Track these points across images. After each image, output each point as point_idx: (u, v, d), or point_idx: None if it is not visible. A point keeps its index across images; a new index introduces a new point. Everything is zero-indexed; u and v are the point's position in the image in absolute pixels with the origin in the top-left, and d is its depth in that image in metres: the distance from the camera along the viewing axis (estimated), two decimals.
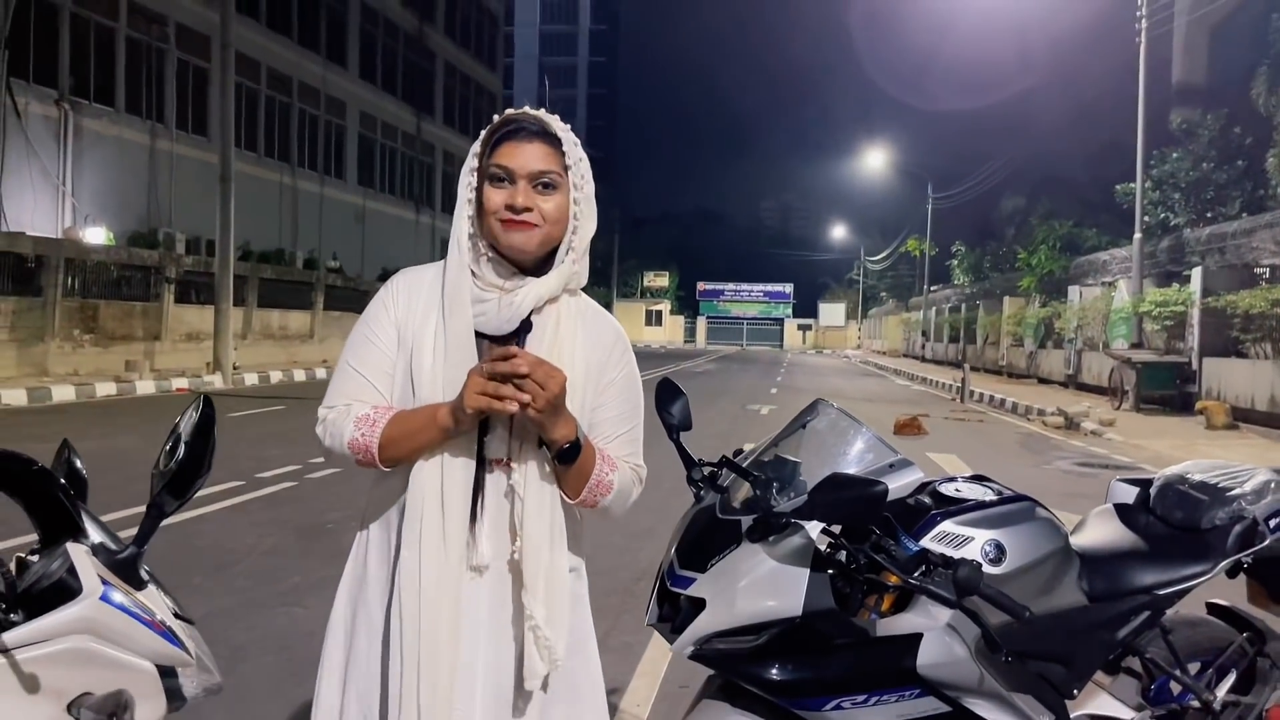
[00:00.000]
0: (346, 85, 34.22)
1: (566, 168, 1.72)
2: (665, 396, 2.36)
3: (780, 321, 78.82)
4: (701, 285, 79.25)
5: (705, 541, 2.07)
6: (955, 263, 45.20)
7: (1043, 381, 27.13)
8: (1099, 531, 2.62)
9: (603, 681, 1.85)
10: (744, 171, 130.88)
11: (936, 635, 2.03)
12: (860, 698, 1.99)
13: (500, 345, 1.66)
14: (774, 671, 1.97)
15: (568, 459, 1.64)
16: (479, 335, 1.69)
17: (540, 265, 1.74)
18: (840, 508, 1.90)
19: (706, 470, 2.26)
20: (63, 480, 1.51)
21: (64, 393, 15.37)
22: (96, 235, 21.01)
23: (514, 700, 1.69)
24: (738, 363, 42.79)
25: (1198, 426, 15.16)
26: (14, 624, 1.32)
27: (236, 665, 3.94)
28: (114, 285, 19.91)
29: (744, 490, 2.13)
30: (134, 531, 1.48)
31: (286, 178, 30.26)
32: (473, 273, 1.71)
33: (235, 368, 20.03)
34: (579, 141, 1.77)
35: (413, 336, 1.72)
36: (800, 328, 78.37)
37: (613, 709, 3.72)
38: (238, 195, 20.38)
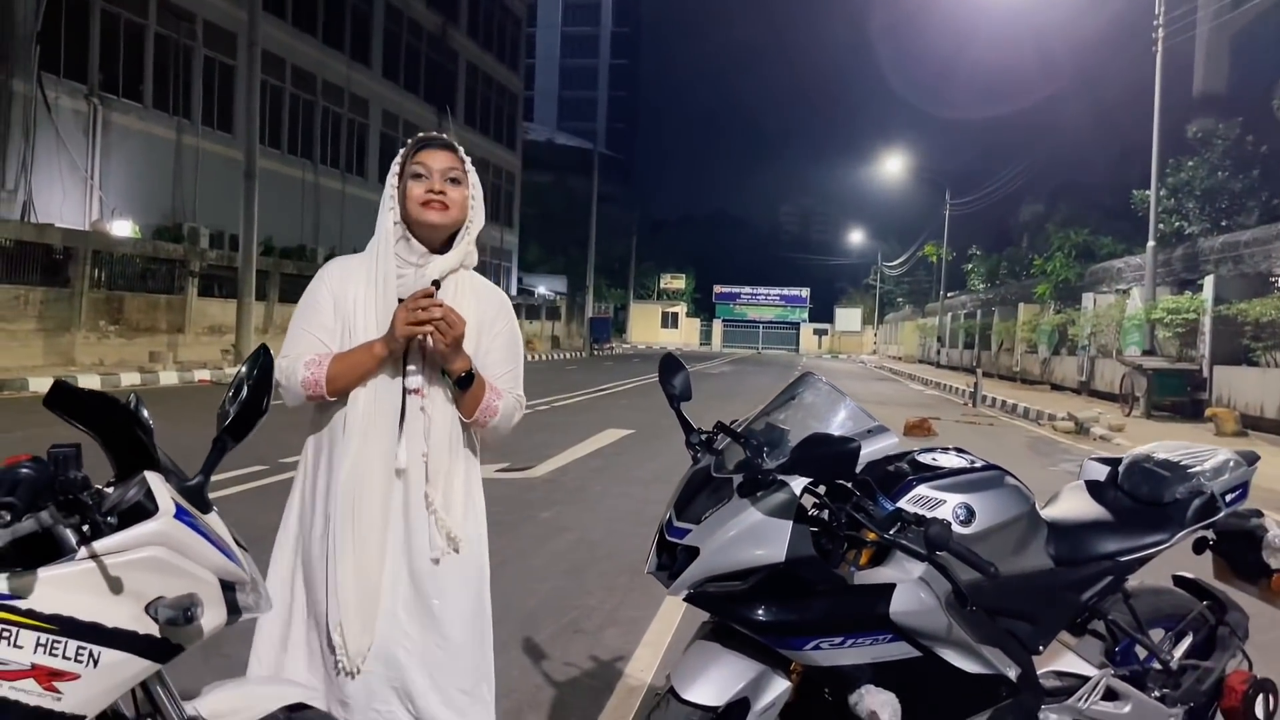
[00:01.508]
0: (370, 84, 34.61)
1: (466, 171, 2.34)
2: (668, 369, 2.60)
3: (796, 325, 78.78)
4: (718, 288, 79.29)
5: (700, 497, 2.29)
6: (971, 268, 45.21)
7: (1056, 388, 27.18)
8: (1069, 504, 2.83)
9: (487, 569, 2.41)
10: (763, 175, 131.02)
11: (909, 586, 2.23)
12: (837, 639, 2.20)
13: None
14: (760, 613, 2.18)
15: (464, 385, 2.24)
16: (400, 300, 2.25)
17: (443, 248, 2.34)
18: (818, 463, 2.13)
19: (704, 435, 2.49)
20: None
21: (90, 382, 15.70)
22: (123, 228, 21.40)
23: (427, 561, 2.26)
24: (753, 365, 42.94)
25: (1207, 433, 15.24)
26: (104, 534, 1.55)
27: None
28: (139, 278, 20.28)
29: (737, 453, 2.35)
30: None
31: (309, 175, 30.64)
32: (395, 253, 2.31)
33: None
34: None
35: (348, 305, 2.30)
36: (816, 332, 78.31)
37: (618, 676, 3.95)
38: (261, 191, 20.71)
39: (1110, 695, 2.66)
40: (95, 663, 1.50)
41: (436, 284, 2.26)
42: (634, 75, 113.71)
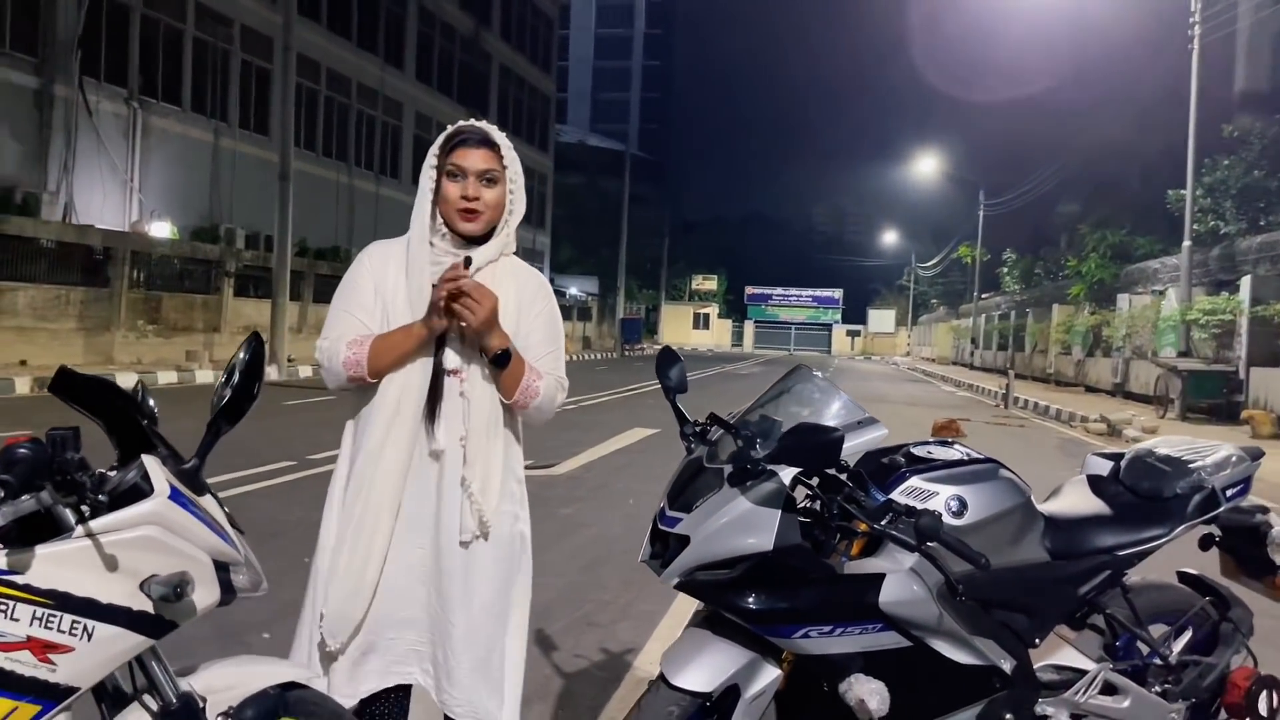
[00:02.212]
0: (403, 86, 34.92)
1: (504, 167, 2.29)
2: (664, 362, 2.64)
3: (829, 327, 78.39)
4: (750, 289, 79.09)
5: (692, 486, 2.32)
6: (1006, 270, 44.80)
7: (1090, 390, 26.88)
8: (1069, 498, 2.83)
9: (529, 535, 2.49)
10: (795, 176, 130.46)
11: (899, 576, 2.25)
12: (826, 628, 2.22)
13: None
14: (750, 601, 2.21)
15: (501, 363, 2.21)
16: (433, 287, 2.21)
17: (482, 240, 2.32)
18: (803, 452, 2.16)
19: (698, 427, 2.52)
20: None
21: (127, 379, 15.90)
22: (162, 230, 21.77)
23: (460, 545, 2.27)
24: (783, 367, 42.25)
25: (1243, 436, 15.02)
26: (99, 514, 1.61)
27: (286, 618, 4.25)
28: (176, 278, 20.64)
29: (729, 444, 2.38)
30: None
31: (343, 176, 30.97)
32: (431, 243, 2.30)
33: (290, 360, 20.61)
34: (511, 145, 2.34)
35: (388, 289, 2.30)
36: (849, 333, 77.91)
37: (627, 668, 3.99)
38: (296, 193, 20.97)
39: (1109, 689, 2.66)
40: (89, 636, 1.56)
41: (468, 260, 2.20)
42: (667, 76, 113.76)
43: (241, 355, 1.81)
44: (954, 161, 54.37)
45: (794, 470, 2.22)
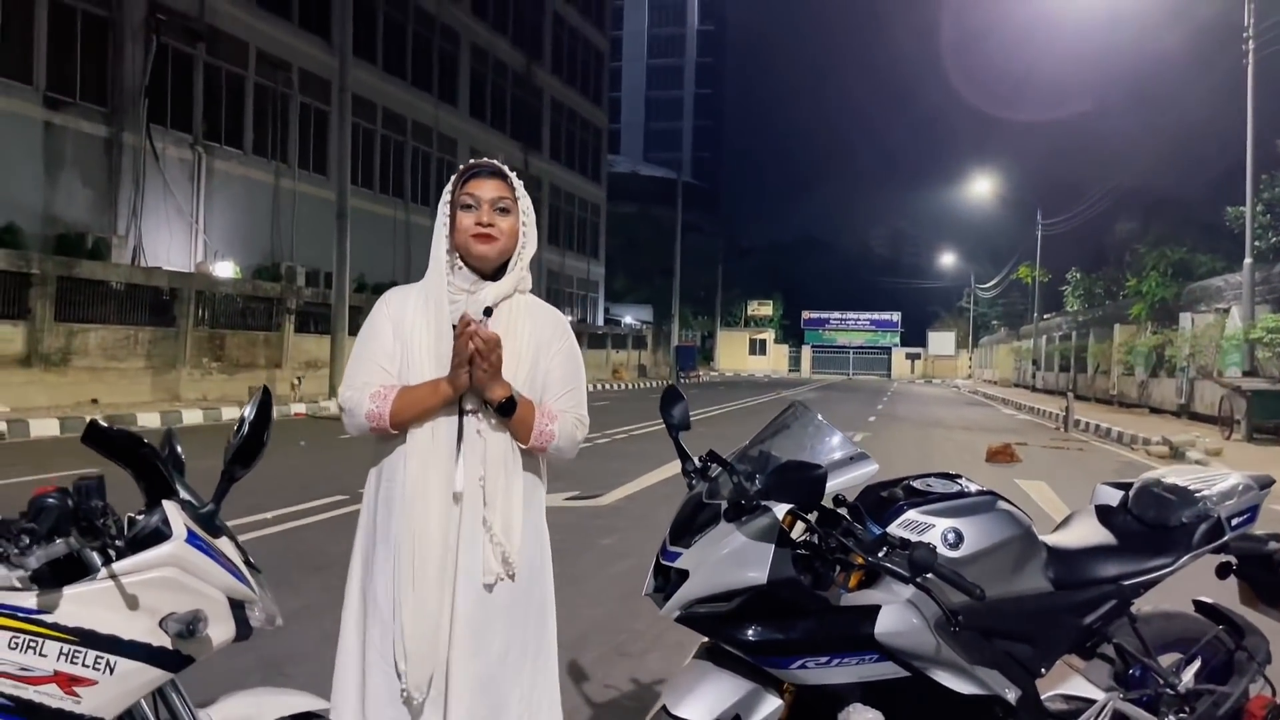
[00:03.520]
0: (457, 123, 35.62)
1: (516, 199, 2.34)
2: (668, 400, 2.74)
3: (888, 350, 77.65)
4: (806, 314, 78.73)
5: (691, 522, 2.41)
6: (1069, 289, 44.09)
7: (1154, 411, 26.28)
8: (1076, 529, 2.85)
9: (551, 573, 2.42)
10: (849, 199, 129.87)
11: (894, 608, 2.31)
12: (823, 659, 2.29)
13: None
14: (748, 633, 2.29)
15: (505, 413, 2.22)
16: (453, 327, 2.25)
17: (496, 274, 2.35)
18: (789, 488, 2.24)
19: (698, 464, 2.61)
20: (165, 456, 1.96)
21: (193, 416, 16.50)
22: (225, 269, 22.45)
23: (484, 588, 2.24)
24: (840, 391, 42.49)
25: None
26: (122, 556, 1.76)
27: (326, 650, 4.41)
28: (239, 316, 21.25)
29: (727, 480, 2.46)
30: (248, 538, 1.92)
31: (400, 212, 31.63)
32: (449, 280, 2.33)
33: None
34: (522, 183, 2.41)
35: (406, 331, 2.32)
36: (908, 357, 77.07)
37: (656, 698, 4.05)
38: (354, 230, 21.52)
39: (1119, 719, 2.67)
40: (112, 671, 1.70)
41: (489, 310, 2.23)
42: (719, 104, 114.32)
43: (250, 409, 1.94)
44: (1009, 181, 53.78)
45: (785, 505, 2.30)
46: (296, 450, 12.73)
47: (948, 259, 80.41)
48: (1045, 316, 47.54)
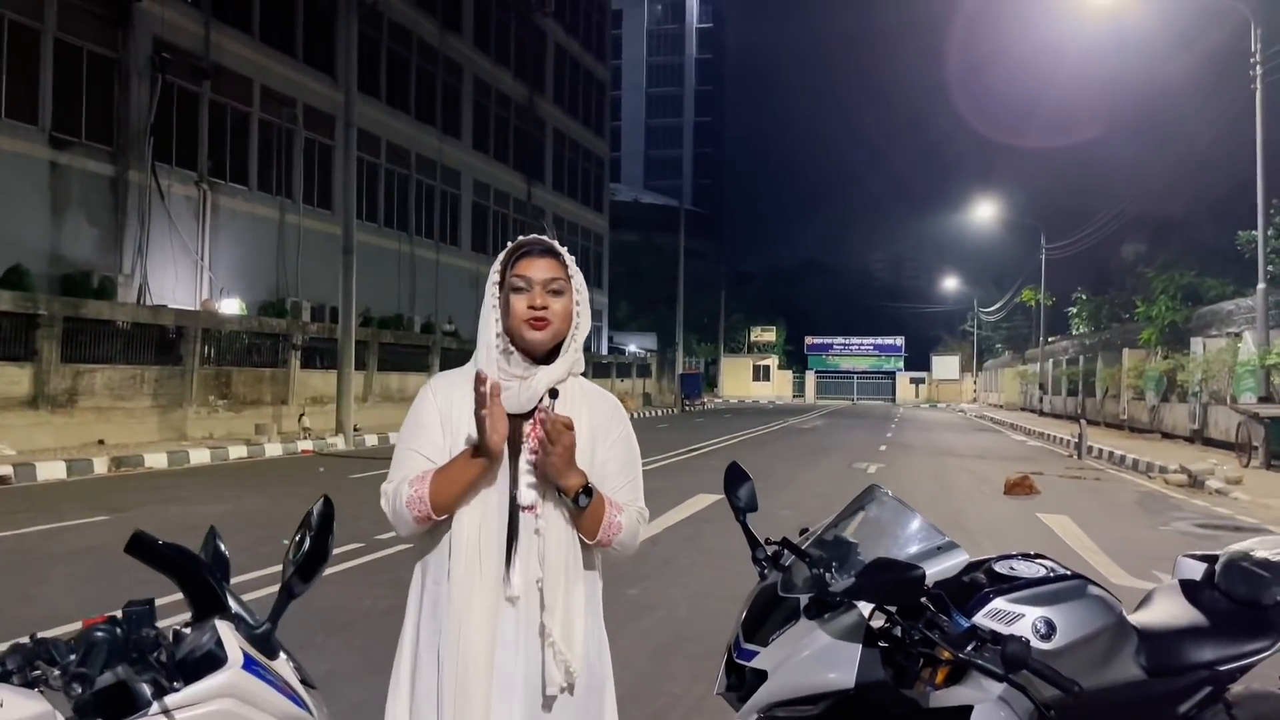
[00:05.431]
0: (461, 155, 35.68)
1: (569, 277, 2.15)
2: (733, 480, 2.59)
3: (892, 375, 77.44)
4: (810, 339, 78.59)
5: (767, 617, 2.27)
6: (1075, 311, 44.01)
7: (1166, 436, 26.11)
8: (1162, 608, 2.70)
9: (612, 679, 2.19)
10: (851, 223, 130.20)
11: (987, 708, 2.16)
12: None
13: (522, 421, 2.09)
14: None
15: (583, 502, 2.01)
16: (509, 415, 2.07)
17: (548, 357, 2.16)
18: (883, 589, 2.09)
19: (770, 550, 2.46)
20: (210, 562, 1.82)
21: (200, 455, 16.34)
22: (231, 306, 22.37)
23: (543, 702, 2.03)
24: (847, 418, 42.28)
25: None
26: (175, 689, 1.61)
27: None
28: (245, 352, 21.14)
29: (803, 570, 2.32)
30: (266, 593, 1.77)
31: (405, 246, 31.61)
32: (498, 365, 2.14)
33: (356, 429, 20.90)
34: (576, 259, 2.22)
35: (455, 421, 2.13)
36: (913, 381, 76.83)
37: None
38: (359, 263, 21.46)
39: None
40: None
41: (555, 392, 2.11)
42: (718, 132, 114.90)
43: (311, 519, 1.80)
44: (1013, 206, 53.79)
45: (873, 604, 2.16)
46: (310, 486, 12.56)
47: (951, 282, 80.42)
48: (1050, 340, 47.41)
